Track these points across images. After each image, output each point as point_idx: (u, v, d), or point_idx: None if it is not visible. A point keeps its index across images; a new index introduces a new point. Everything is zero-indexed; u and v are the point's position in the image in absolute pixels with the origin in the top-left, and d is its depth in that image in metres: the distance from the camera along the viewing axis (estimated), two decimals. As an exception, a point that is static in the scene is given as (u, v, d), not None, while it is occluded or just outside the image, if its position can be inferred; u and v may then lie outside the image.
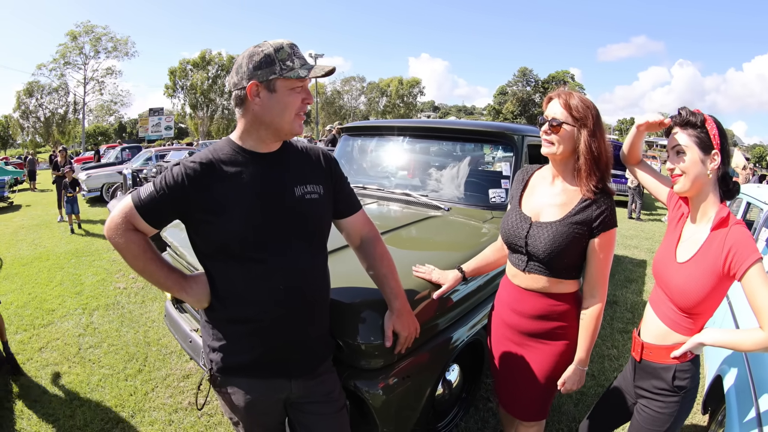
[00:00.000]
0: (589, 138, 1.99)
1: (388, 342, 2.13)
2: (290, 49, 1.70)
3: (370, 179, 4.50)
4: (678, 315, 1.94)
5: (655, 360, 2.03)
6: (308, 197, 1.84)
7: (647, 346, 2.06)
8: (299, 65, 1.69)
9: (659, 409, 2.03)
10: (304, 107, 1.77)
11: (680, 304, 1.91)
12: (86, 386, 4.07)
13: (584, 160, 2.00)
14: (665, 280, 2.00)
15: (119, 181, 14.83)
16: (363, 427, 2.41)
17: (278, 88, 1.69)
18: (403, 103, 70.93)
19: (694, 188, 1.89)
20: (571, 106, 2.01)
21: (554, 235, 2.04)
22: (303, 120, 1.80)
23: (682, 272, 1.91)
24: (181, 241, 3.29)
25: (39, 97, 52.48)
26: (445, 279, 2.50)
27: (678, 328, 1.95)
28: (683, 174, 1.88)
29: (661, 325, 2.01)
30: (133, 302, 6.06)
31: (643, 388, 2.11)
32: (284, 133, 1.79)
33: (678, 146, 1.88)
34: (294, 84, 1.70)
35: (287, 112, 1.72)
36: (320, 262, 1.92)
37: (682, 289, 1.89)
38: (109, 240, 1.77)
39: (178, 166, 1.73)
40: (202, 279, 1.84)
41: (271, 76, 1.67)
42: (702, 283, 1.82)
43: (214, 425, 3.51)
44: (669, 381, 1.98)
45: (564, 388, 2.20)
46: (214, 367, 1.85)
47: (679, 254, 1.98)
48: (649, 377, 2.07)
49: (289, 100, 1.71)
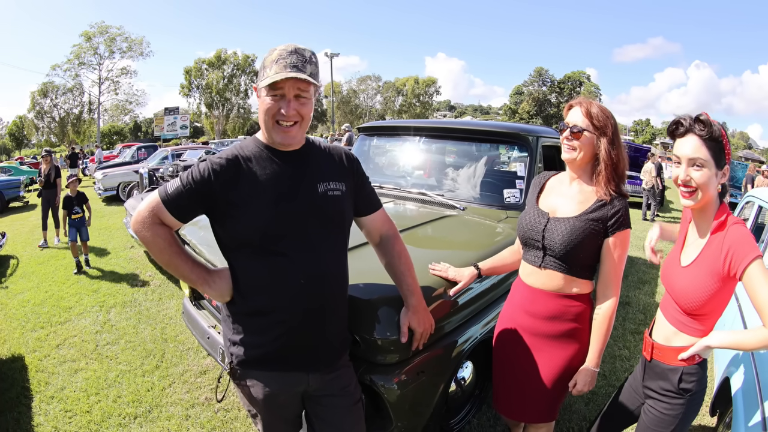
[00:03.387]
0: (609, 146, 2.06)
1: (404, 338, 2.17)
2: (277, 55, 1.72)
3: (386, 178, 4.55)
4: (683, 317, 1.96)
5: (663, 360, 2.04)
6: (331, 194, 1.88)
7: (657, 346, 2.08)
8: (275, 72, 1.70)
9: (664, 410, 2.04)
10: (282, 117, 1.75)
11: (684, 306, 1.94)
12: (103, 382, 4.13)
13: (605, 166, 2.07)
14: (670, 284, 2.04)
15: (135, 180, 14.98)
16: (377, 421, 2.45)
17: (260, 94, 1.77)
18: (419, 102, 70.50)
19: (704, 201, 1.87)
20: (592, 114, 2.07)
21: (571, 229, 2.09)
22: (288, 133, 1.78)
23: (685, 275, 1.94)
24: (200, 239, 3.34)
25: (54, 98, 52.49)
26: (461, 276, 2.54)
27: (684, 328, 1.97)
28: (698, 189, 1.84)
29: (668, 327, 2.04)
30: (150, 299, 6.14)
31: (651, 388, 2.12)
32: (270, 139, 1.83)
33: (699, 159, 1.81)
34: (269, 91, 1.73)
35: (266, 118, 1.77)
36: (340, 258, 1.96)
37: (684, 292, 1.92)
38: (136, 233, 1.83)
39: (205, 162, 1.79)
40: (225, 273, 1.89)
41: (259, 82, 1.76)
42: (704, 286, 1.84)
43: (230, 420, 3.55)
44: (675, 383, 1.99)
45: (575, 389, 2.23)
46: (235, 360, 1.90)
47: (683, 258, 2.02)
48: (657, 378, 2.08)
49: (266, 106, 1.75)
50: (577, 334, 2.23)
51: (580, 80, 70.36)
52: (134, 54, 52.76)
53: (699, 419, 3.60)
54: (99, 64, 51.91)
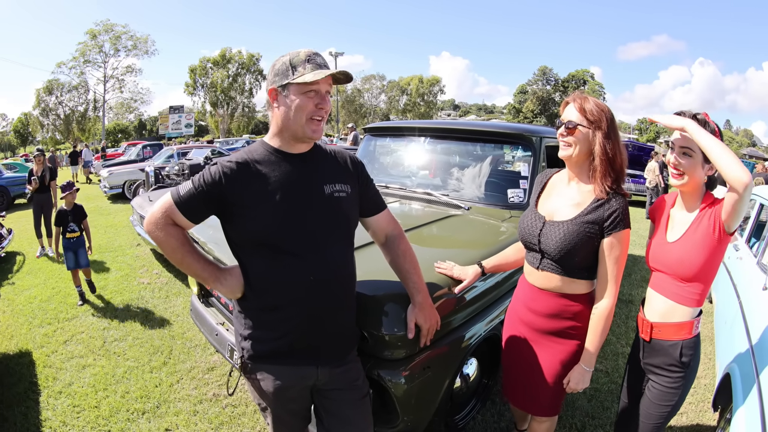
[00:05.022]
0: (604, 139, 2.08)
1: (411, 333, 2.23)
2: (305, 56, 1.81)
3: (392, 178, 4.60)
4: (680, 287, 2.11)
5: (663, 338, 2.18)
6: (336, 195, 1.94)
7: (656, 325, 2.20)
8: (310, 70, 1.78)
9: (668, 383, 2.19)
10: (318, 112, 1.83)
11: (682, 274, 2.08)
12: (111, 378, 4.17)
13: (599, 161, 2.10)
14: (662, 261, 2.18)
15: (141, 178, 15.01)
16: (384, 416, 2.50)
17: (291, 93, 1.81)
18: (424, 101, 70.34)
19: (691, 185, 2.07)
20: (586, 109, 2.11)
21: (565, 234, 2.14)
22: (319, 125, 1.87)
23: (678, 248, 2.10)
24: (209, 237, 3.39)
25: (59, 95, 52.68)
26: (466, 274, 2.59)
27: (681, 299, 2.11)
28: (685, 173, 2.06)
29: (666, 302, 2.17)
30: (157, 297, 6.18)
31: (653, 364, 2.25)
32: (299, 137, 1.87)
33: (687, 149, 2.04)
34: (304, 88, 1.79)
35: (299, 116, 1.81)
36: (348, 256, 2.02)
37: (680, 261, 2.07)
38: (149, 234, 1.89)
39: (216, 165, 1.85)
40: (237, 271, 1.95)
41: (284, 81, 1.80)
42: (696, 251, 2.02)
43: (238, 416, 3.60)
44: (677, 357, 2.13)
45: (569, 387, 2.30)
46: (245, 355, 1.95)
47: (669, 237, 2.18)
48: (658, 355, 2.21)
49: (299, 103, 1.80)
50: (577, 333, 2.28)
51: (584, 79, 70.35)
52: (139, 52, 53.11)
53: (701, 415, 3.64)
54: (104, 62, 52.23)
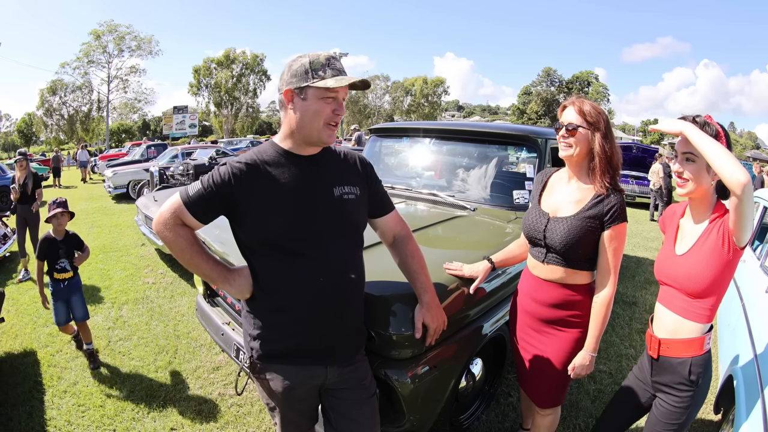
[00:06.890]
0: (602, 139, 2.20)
1: (418, 333, 2.25)
2: (326, 60, 1.80)
3: (398, 179, 4.62)
4: (689, 302, 2.07)
5: (672, 355, 2.14)
6: (346, 197, 1.95)
7: (664, 341, 2.17)
8: (330, 75, 1.78)
9: (676, 403, 2.15)
10: (334, 117, 1.84)
11: (691, 290, 2.04)
12: (116, 377, 4.18)
13: (599, 159, 2.21)
14: (670, 274, 2.14)
15: (145, 178, 15.04)
16: (390, 415, 2.52)
17: (309, 96, 1.80)
18: (428, 102, 70.08)
19: (698, 192, 2.03)
20: (585, 111, 2.22)
21: (569, 229, 2.23)
22: (333, 131, 1.88)
23: (686, 261, 2.06)
24: (215, 238, 3.41)
25: (63, 95, 52.56)
26: (477, 272, 2.66)
27: (690, 315, 2.07)
28: (690, 180, 2.00)
29: (674, 318, 2.13)
30: (162, 297, 6.19)
31: (661, 383, 2.22)
32: (313, 141, 1.89)
33: (689, 154, 1.98)
34: (324, 93, 1.79)
35: (316, 120, 1.82)
36: (356, 256, 2.03)
37: (689, 275, 2.03)
38: (158, 234, 1.91)
39: (225, 166, 1.86)
40: (245, 272, 1.96)
41: (303, 83, 1.78)
42: (706, 265, 1.97)
43: (243, 415, 3.61)
44: (686, 375, 2.10)
45: (573, 372, 2.36)
46: (255, 354, 1.96)
47: (678, 249, 2.15)
48: (666, 372, 2.18)
49: (318, 108, 1.80)
50: (578, 321, 2.38)
51: (589, 80, 70.35)
52: (143, 52, 52.86)
53: (703, 416, 3.64)
54: (108, 62, 52.04)
